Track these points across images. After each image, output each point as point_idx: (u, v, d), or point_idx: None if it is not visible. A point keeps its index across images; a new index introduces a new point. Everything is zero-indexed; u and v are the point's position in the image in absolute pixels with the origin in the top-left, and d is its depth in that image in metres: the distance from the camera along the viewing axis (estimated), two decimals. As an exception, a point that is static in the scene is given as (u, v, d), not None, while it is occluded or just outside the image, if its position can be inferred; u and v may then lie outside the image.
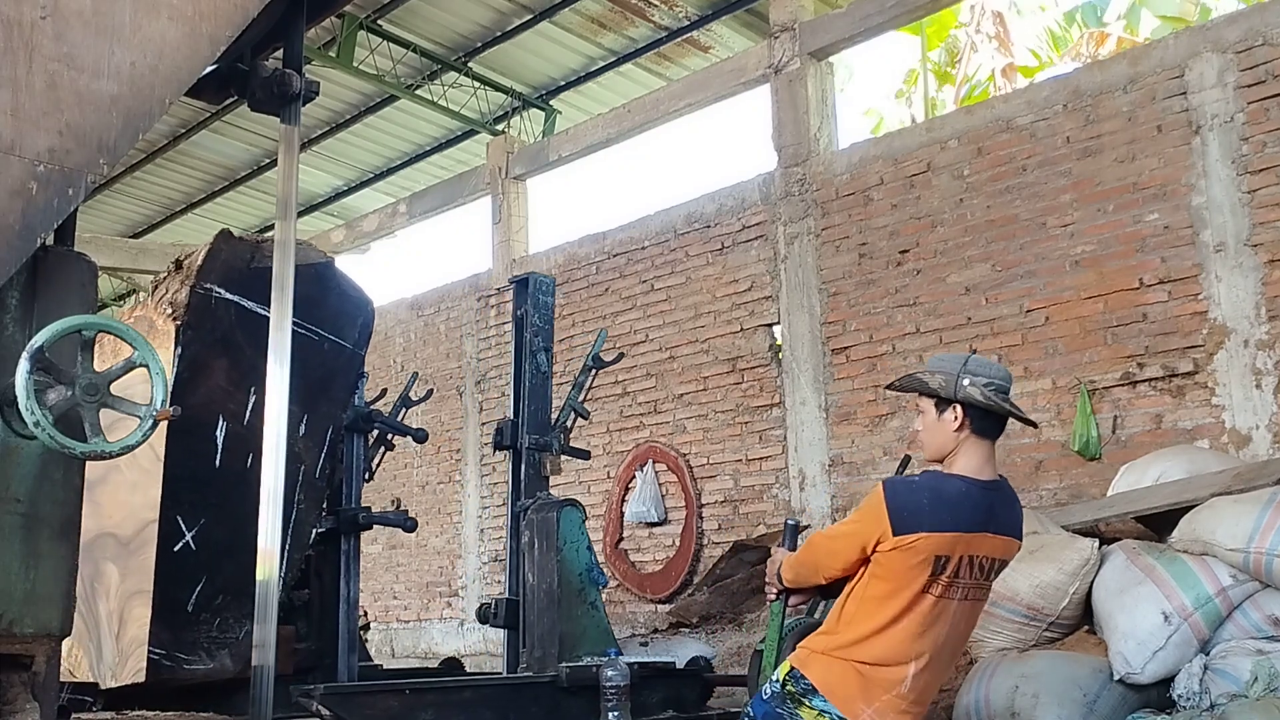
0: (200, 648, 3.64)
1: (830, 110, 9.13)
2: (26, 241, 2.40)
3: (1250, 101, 6.70)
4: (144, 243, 13.98)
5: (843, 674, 2.81)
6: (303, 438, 3.98)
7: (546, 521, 5.03)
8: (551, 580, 4.91)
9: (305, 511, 3.98)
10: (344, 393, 4.19)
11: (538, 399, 5.59)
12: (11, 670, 2.52)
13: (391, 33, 10.29)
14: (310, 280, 3.97)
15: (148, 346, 2.52)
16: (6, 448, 2.48)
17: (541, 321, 5.65)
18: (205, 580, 3.64)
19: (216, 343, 3.72)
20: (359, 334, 4.19)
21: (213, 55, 2.79)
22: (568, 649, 4.76)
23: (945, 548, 2.77)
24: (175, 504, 3.62)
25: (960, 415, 2.89)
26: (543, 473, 5.47)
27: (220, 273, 3.78)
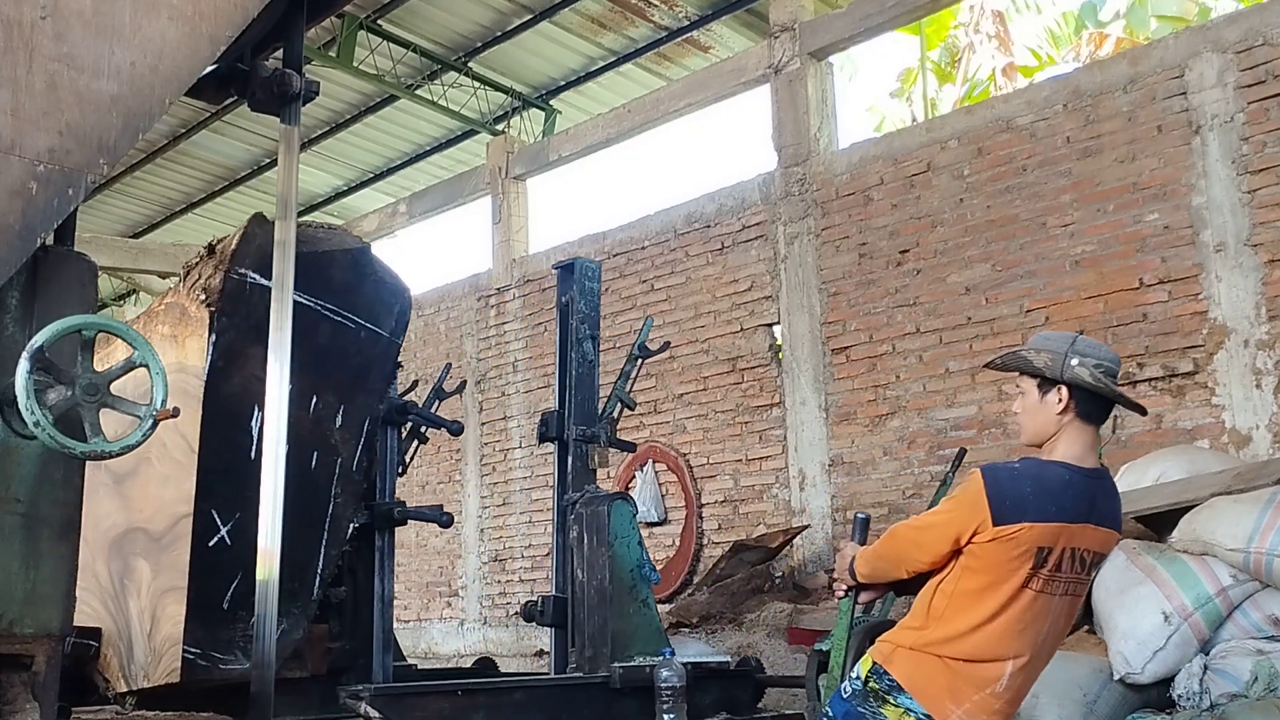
0: (236, 646, 3.49)
1: (830, 110, 9.13)
2: (26, 241, 2.40)
3: (1250, 101, 6.70)
4: (144, 243, 13.97)
5: (931, 671, 2.67)
6: (339, 429, 3.83)
7: (596, 516, 4.84)
8: (602, 577, 4.72)
9: (342, 505, 3.83)
10: (381, 383, 4.02)
11: (584, 389, 5.36)
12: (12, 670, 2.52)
13: (391, 33, 10.29)
14: (346, 266, 3.87)
15: (147, 346, 2.52)
16: (6, 448, 2.48)
17: (587, 308, 5.43)
18: (241, 577, 3.46)
19: (251, 330, 3.54)
20: (396, 322, 4.03)
21: (213, 55, 2.79)
22: (619, 648, 4.60)
23: (1048, 539, 2.62)
24: (210, 497, 3.48)
25: (1065, 397, 2.72)
26: (590, 465, 5.27)
27: (255, 258, 3.60)
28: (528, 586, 10.62)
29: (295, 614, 3.66)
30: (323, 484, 3.77)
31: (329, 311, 3.80)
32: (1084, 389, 2.73)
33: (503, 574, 10.92)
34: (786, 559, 8.42)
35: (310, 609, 3.71)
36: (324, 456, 3.76)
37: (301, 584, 3.69)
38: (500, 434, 10.97)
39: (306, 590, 3.71)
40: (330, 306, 3.80)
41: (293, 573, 3.58)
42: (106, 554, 3.77)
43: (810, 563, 8.36)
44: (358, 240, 4.11)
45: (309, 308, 3.71)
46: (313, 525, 3.72)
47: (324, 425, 3.78)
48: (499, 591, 10.94)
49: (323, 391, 3.76)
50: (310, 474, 3.73)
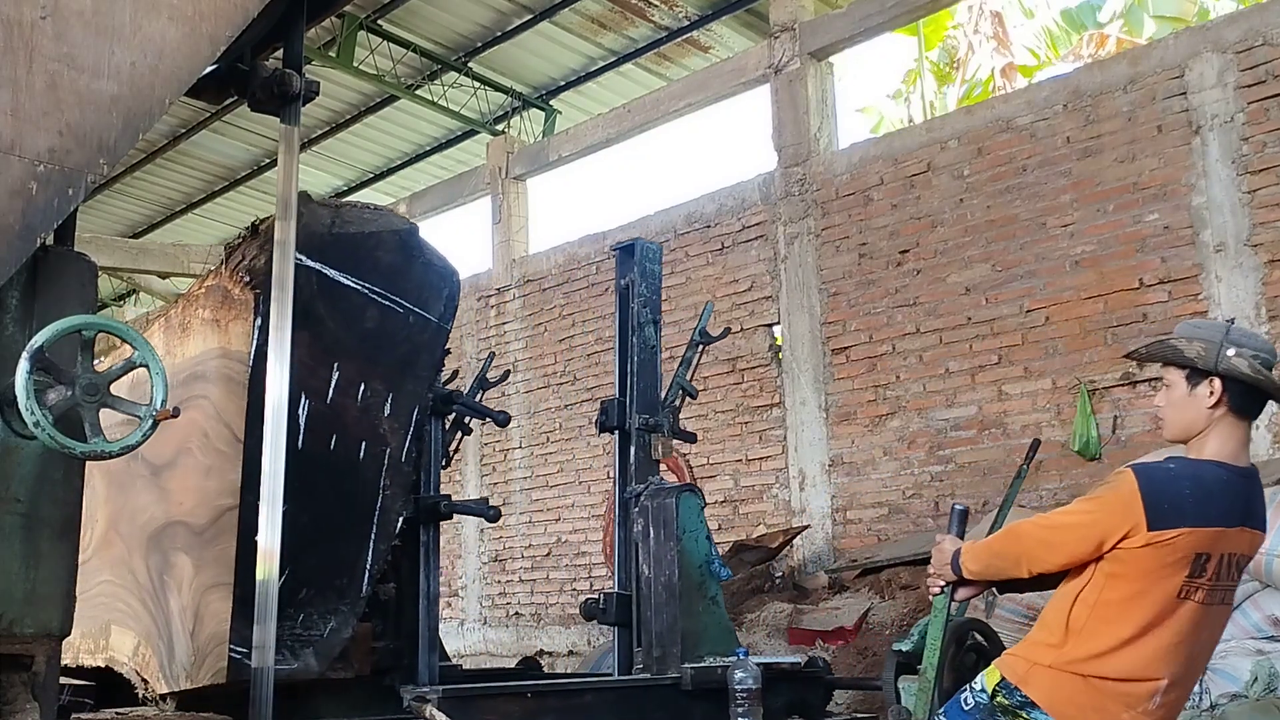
0: (284, 646, 3.31)
1: (830, 110, 9.14)
2: (26, 241, 2.40)
3: (1250, 101, 6.70)
4: (144, 243, 13.96)
5: (1073, 692, 2.48)
6: (388, 418, 3.65)
7: (663, 509, 4.61)
8: (670, 573, 4.49)
9: (391, 498, 3.65)
10: (429, 370, 3.83)
11: (647, 375, 5.13)
12: (11, 670, 2.52)
13: (391, 33, 10.30)
14: (394, 248, 3.71)
15: (148, 346, 2.52)
16: (6, 448, 2.48)
17: (649, 291, 5.19)
18: (288, 572, 3.30)
19: (297, 314, 3.36)
20: (445, 306, 3.84)
21: (213, 55, 2.79)
22: (689, 648, 4.38)
23: (1206, 545, 2.44)
24: (256, 489, 3.27)
25: (1218, 390, 2.53)
26: (653, 456, 5.06)
27: (302, 237, 3.42)
28: (528, 586, 10.62)
29: (344, 612, 3.51)
30: (371, 475, 3.61)
31: (376, 295, 3.64)
32: (1239, 381, 2.53)
33: (503, 574, 10.92)
34: (786, 559, 8.42)
35: (359, 606, 3.54)
36: (372, 447, 3.60)
37: (350, 580, 3.54)
38: (500, 434, 10.97)
39: (355, 587, 3.55)
40: (378, 290, 3.65)
41: (341, 568, 3.48)
42: (144, 549, 3.64)
43: (810, 563, 8.36)
44: (405, 221, 3.92)
45: (356, 291, 3.59)
46: (361, 518, 3.57)
47: (372, 414, 3.62)
48: (499, 592, 10.94)
49: (370, 379, 3.61)
50: (358, 465, 3.58)
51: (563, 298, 10.64)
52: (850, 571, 7.62)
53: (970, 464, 7.66)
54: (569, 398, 10.43)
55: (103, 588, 3.80)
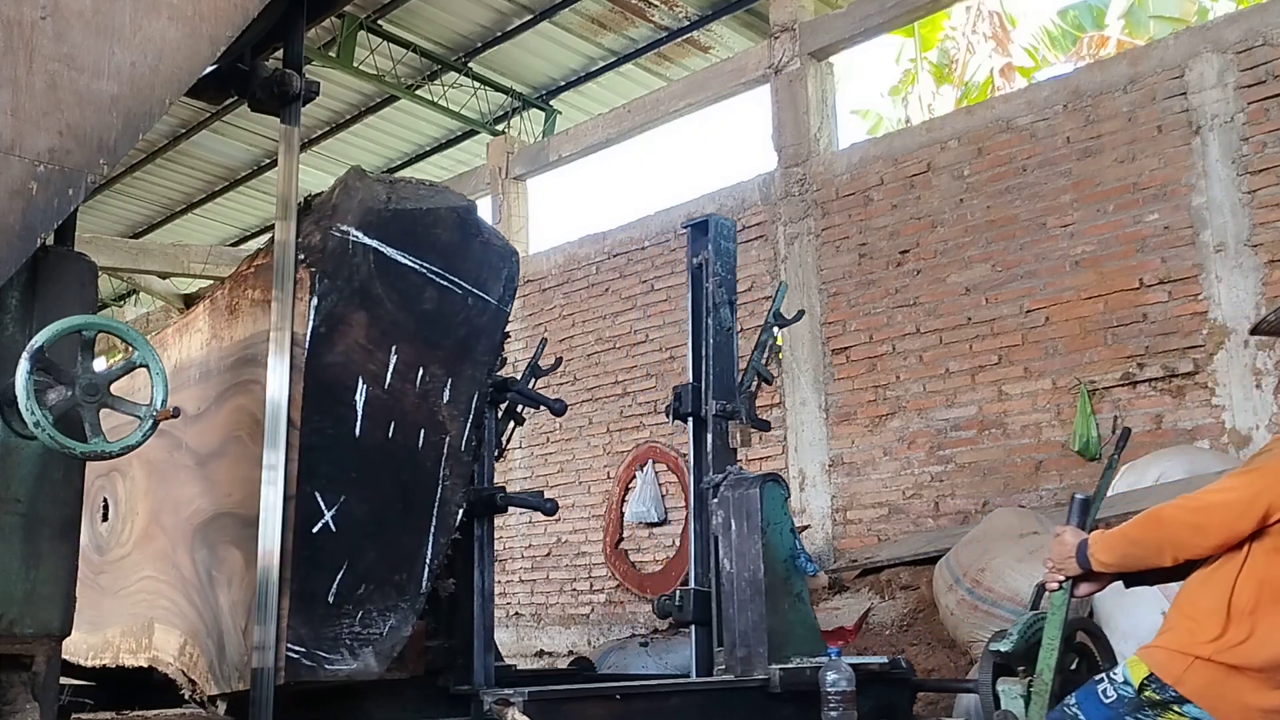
0: (342, 645, 3.18)
1: (830, 110, 9.14)
2: (26, 241, 2.40)
3: (1250, 101, 6.70)
4: (144, 243, 13.94)
5: (1238, 688, 2.34)
6: (446, 405, 3.47)
7: (746, 500, 4.33)
8: (754, 568, 4.22)
9: (451, 490, 3.47)
10: (489, 355, 3.66)
11: (723, 359, 4.87)
12: (11, 670, 2.52)
13: (391, 33, 10.30)
14: (451, 225, 3.56)
15: (148, 346, 2.52)
16: (6, 448, 2.48)
17: (724, 270, 4.94)
18: (346, 567, 3.18)
19: (354, 294, 3.25)
20: (504, 288, 3.67)
21: (213, 55, 2.79)
22: (775, 648, 4.13)
23: None
24: (313, 478, 3.14)
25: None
26: (730, 444, 4.77)
27: (358, 213, 3.29)
28: (528, 586, 10.62)
29: (403, 609, 3.35)
30: (430, 465, 3.43)
31: (434, 275, 3.47)
32: None
33: (503, 574, 10.91)
34: (786, 559, 8.41)
35: (419, 603, 3.38)
36: (431, 435, 3.43)
37: (409, 576, 3.37)
38: (500, 434, 10.97)
39: (415, 583, 3.38)
40: (436, 269, 3.48)
41: (399, 563, 3.33)
42: (190, 543, 3.48)
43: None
44: (463, 197, 3.77)
45: (414, 270, 3.43)
46: (420, 510, 3.41)
47: (431, 400, 3.44)
48: (499, 592, 10.94)
49: (429, 363, 3.44)
50: (417, 454, 3.41)
51: (563, 298, 10.64)
52: (850, 571, 7.62)
53: (970, 464, 7.66)
54: (569, 398, 10.41)
55: (144, 584, 3.69)
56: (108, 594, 3.95)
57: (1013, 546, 5.73)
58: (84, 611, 4.08)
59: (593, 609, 9.84)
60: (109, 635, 3.88)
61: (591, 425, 10.09)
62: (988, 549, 5.82)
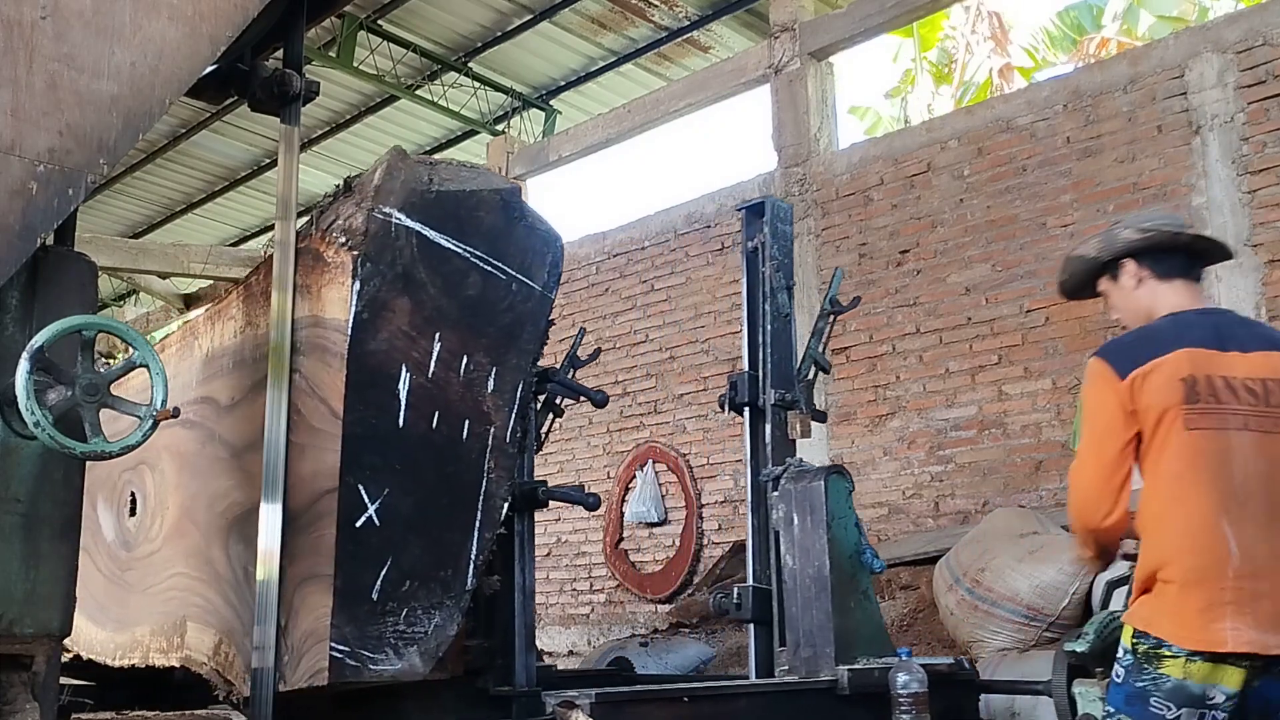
0: (387, 644, 3.07)
1: (830, 110, 9.14)
2: (26, 241, 2.40)
3: (1250, 101, 6.70)
4: (144, 243, 13.96)
5: (1168, 604, 2.38)
6: (491, 395, 3.36)
7: (810, 492, 4.15)
8: (820, 564, 4.04)
9: (496, 483, 3.36)
10: (534, 343, 3.54)
11: (781, 346, 4.68)
12: (11, 670, 2.52)
13: (391, 33, 10.30)
14: (495, 208, 3.44)
15: (147, 346, 2.52)
16: (6, 448, 2.48)
17: (781, 254, 4.77)
18: (390, 563, 3.08)
19: (398, 278, 3.15)
20: (549, 274, 3.56)
21: (213, 55, 2.79)
22: (843, 648, 3.97)
23: (1185, 369, 2.47)
24: (356, 470, 3.04)
25: (1133, 268, 2.62)
26: (789, 435, 4.61)
27: (401, 195, 3.19)
28: (528, 586, 10.62)
29: (449, 607, 3.23)
30: (475, 457, 3.32)
31: (478, 260, 3.37)
32: (1145, 251, 2.58)
33: (503, 574, 10.91)
34: (786, 559, 8.42)
35: (464, 601, 3.27)
36: (476, 426, 3.32)
37: (454, 572, 3.26)
38: (500, 434, 10.98)
39: (460, 579, 3.27)
40: (479, 254, 3.37)
41: (444, 559, 3.23)
42: (225, 538, 3.39)
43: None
44: (506, 180, 3.61)
45: (457, 254, 3.32)
46: (465, 504, 3.30)
47: (475, 390, 3.34)
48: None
49: (473, 351, 3.34)
50: (461, 445, 3.30)
51: (562, 298, 10.63)
52: (850, 571, 7.62)
53: (970, 464, 7.66)
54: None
55: (176, 580, 3.60)
56: (136, 591, 3.86)
57: (1013, 546, 5.73)
58: (110, 610, 4.00)
59: (592, 609, 9.84)
60: (138, 634, 3.80)
61: (591, 425, 10.09)
62: (988, 549, 5.82)
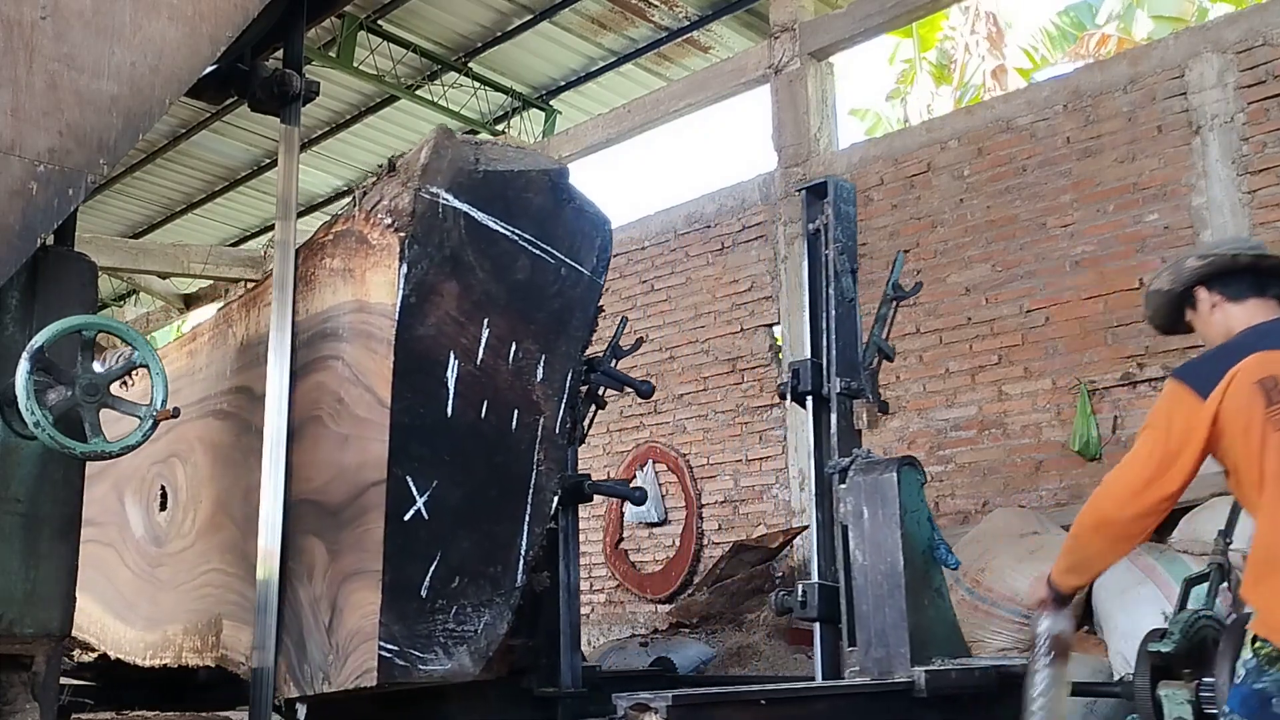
0: (436, 643, 2.95)
1: (830, 110, 9.14)
2: (26, 241, 2.41)
3: (1250, 101, 6.70)
4: (144, 243, 13.98)
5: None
6: (540, 383, 3.24)
7: (881, 485, 3.93)
8: (892, 560, 3.83)
9: (545, 475, 3.24)
10: (583, 330, 3.42)
11: (846, 333, 4.52)
12: (11, 670, 2.52)
13: (391, 33, 10.30)
14: (544, 189, 3.31)
15: (148, 346, 2.52)
16: (6, 448, 2.48)
17: (845, 236, 4.63)
18: (439, 558, 2.96)
19: (446, 261, 3.03)
20: (597, 258, 3.45)
21: (213, 55, 2.79)
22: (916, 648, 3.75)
23: (1265, 370, 2.47)
24: (404, 461, 2.92)
25: (1206, 295, 2.67)
26: (855, 425, 4.40)
27: (448, 174, 3.06)
28: (528, 587, 10.61)
29: (498, 605, 3.11)
30: (524, 448, 3.21)
31: (526, 243, 3.25)
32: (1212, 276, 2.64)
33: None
34: (787, 559, 8.42)
35: (514, 598, 3.15)
36: (525, 416, 3.20)
37: (504, 568, 3.13)
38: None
39: (510, 576, 3.14)
40: (527, 237, 3.25)
41: (494, 554, 3.11)
42: None
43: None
44: (553, 160, 3.55)
45: (505, 237, 3.20)
46: (515, 497, 3.19)
47: (524, 378, 3.22)
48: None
49: (522, 338, 3.22)
50: (511, 436, 3.18)
51: (563, 298, 10.64)
52: (850, 571, 7.62)
53: (970, 464, 7.66)
54: (569, 398, 10.44)
55: (210, 577, 3.50)
56: (167, 589, 3.76)
57: (1013, 546, 5.73)
58: (139, 607, 3.91)
59: (593, 609, 9.83)
60: (169, 633, 3.70)
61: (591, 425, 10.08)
62: (988, 549, 5.82)
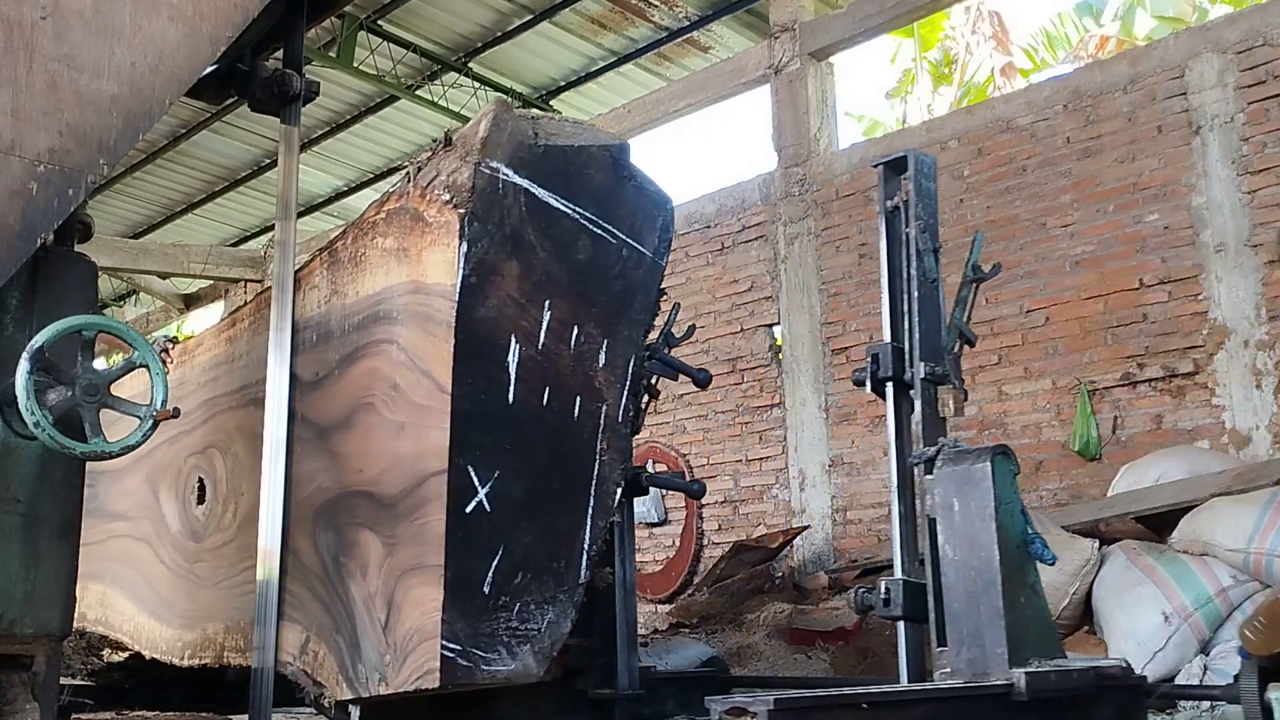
0: (499, 642, 2.81)
1: (830, 110, 9.14)
2: (26, 241, 2.40)
3: (1250, 102, 6.70)
4: (144, 243, 13.98)
5: None
6: (603, 369, 3.09)
7: (973, 475, 3.71)
8: (988, 554, 3.60)
9: (609, 466, 3.09)
10: (645, 314, 3.26)
11: (929, 315, 4.28)
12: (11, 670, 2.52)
13: (391, 33, 10.30)
14: (604, 166, 3.15)
15: (147, 346, 2.52)
16: (6, 448, 2.48)
17: (926, 213, 4.40)
18: (502, 552, 2.82)
19: (506, 239, 2.89)
20: (659, 239, 3.29)
21: (213, 55, 2.79)
22: (1012, 648, 3.55)
23: None
24: (466, 450, 2.77)
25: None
26: (940, 413, 4.16)
27: (508, 148, 2.91)
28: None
29: (562, 602, 2.97)
30: (587, 437, 3.06)
31: (588, 221, 3.11)
32: None
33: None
34: (786, 559, 8.42)
35: (578, 595, 3.01)
36: (587, 403, 3.06)
37: (567, 563, 2.99)
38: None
39: (573, 572, 3.00)
40: (589, 215, 3.11)
41: (557, 548, 2.97)
42: (311, 526, 3.16)
43: (810, 563, 8.36)
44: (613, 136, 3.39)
45: (566, 215, 3.05)
46: (577, 489, 3.04)
47: (586, 363, 3.08)
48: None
49: (584, 322, 3.07)
50: (573, 424, 3.04)
51: (563, 298, 10.64)
52: (850, 572, 7.62)
53: (970, 464, 7.66)
54: (569, 398, 10.44)
55: (253, 573, 3.33)
56: (206, 585, 3.64)
57: (1013, 546, 5.73)
58: (176, 605, 3.79)
59: (593, 609, 9.84)
60: (210, 631, 3.59)
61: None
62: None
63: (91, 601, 4.29)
